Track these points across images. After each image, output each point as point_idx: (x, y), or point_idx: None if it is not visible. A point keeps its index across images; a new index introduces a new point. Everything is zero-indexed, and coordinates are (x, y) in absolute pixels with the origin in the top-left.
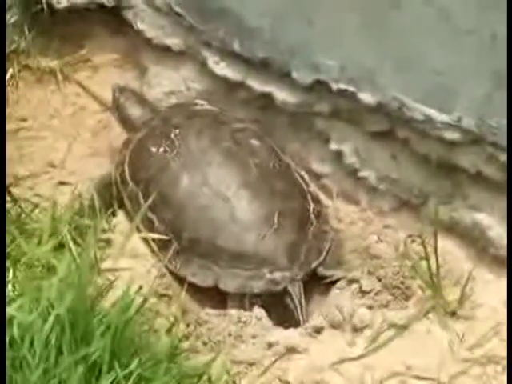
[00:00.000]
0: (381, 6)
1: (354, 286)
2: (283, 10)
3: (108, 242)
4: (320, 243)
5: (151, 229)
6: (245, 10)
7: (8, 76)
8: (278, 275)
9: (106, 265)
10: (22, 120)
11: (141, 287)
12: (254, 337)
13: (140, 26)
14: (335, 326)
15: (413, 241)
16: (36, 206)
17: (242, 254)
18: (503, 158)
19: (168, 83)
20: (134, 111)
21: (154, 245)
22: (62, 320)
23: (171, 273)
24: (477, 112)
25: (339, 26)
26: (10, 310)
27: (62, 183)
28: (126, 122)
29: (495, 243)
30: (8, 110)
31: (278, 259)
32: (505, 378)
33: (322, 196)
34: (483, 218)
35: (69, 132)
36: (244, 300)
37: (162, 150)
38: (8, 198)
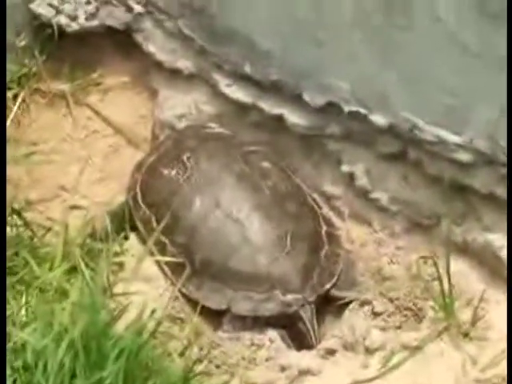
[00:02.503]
0: (393, 27)
1: (367, 307)
2: (294, 32)
3: (121, 265)
4: (332, 265)
5: (164, 252)
6: (255, 32)
7: (19, 100)
8: (290, 297)
9: (118, 288)
10: (33, 144)
11: (154, 311)
12: (267, 360)
13: (150, 48)
14: (348, 347)
15: (425, 262)
16: (48, 229)
17: (254, 277)
18: None
19: (179, 106)
20: None
21: (166, 268)
22: (76, 344)
23: (184, 296)
24: (488, 133)
25: (350, 48)
26: (24, 335)
27: (73, 207)
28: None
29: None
30: (19, 134)
31: (291, 281)
32: None
33: (333, 218)
34: (496, 238)
35: (80, 156)
36: (246, 320)
37: (174, 172)
38: (20, 222)
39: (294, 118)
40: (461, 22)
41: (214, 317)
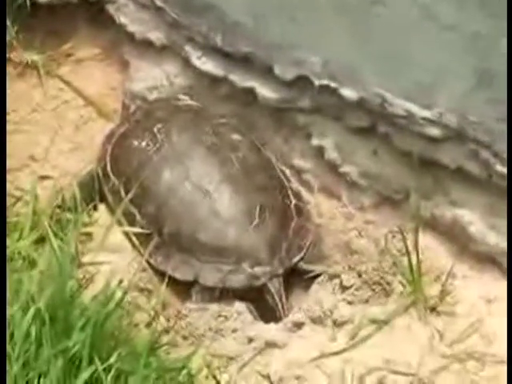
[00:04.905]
0: (363, 2)
1: (335, 281)
2: (266, 6)
3: (89, 235)
4: (301, 238)
5: (132, 223)
6: (228, 5)
7: None
8: (258, 270)
9: (86, 258)
10: None
11: (121, 281)
12: (234, 331)
13: (122, 20)
14: (316, 321)
15: (393, 236)
16: (17, 199)
17: (222, 249)
18: (484, 154)
19: (150, 78)
20: None
21: (134, 239)
22: (42, 313)
23: (152, 267)
24: (458, 108)
25: (322, 22)
26: None
27: (43, 177)
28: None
29: (476, 239)
30: None
31: (259, 254)
32: (484, 373)
33: (303, 191)
34: (464, 214)
35: (51, 126)
36: (214, 292)
37: (144, 144)
38: None
39: (265, 91)
40: None
41: (182, 288)
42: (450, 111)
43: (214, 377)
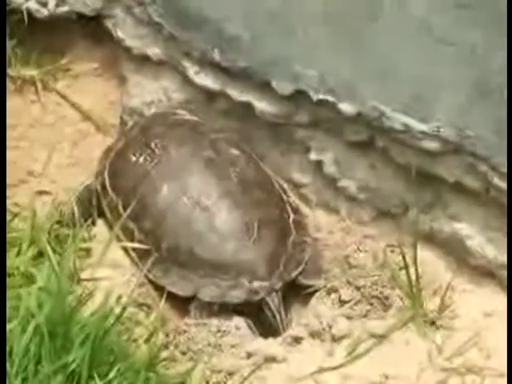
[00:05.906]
0: (360, 16)
1: (333, 295)
2: (263, 21)
3: (87, 251)
4: (299, 253)
5: (131, 238)
6: (225, 20)
7: None
8: (256, 285)
9: (85, 274)
10: None
11: (120, 296)
12: (233, 346)
13: (120, 35)
14: (314, 335)
15: (392, 251)
16: (16, 215)
17: (221, 264)
18: (482, 167)
19: (148, 93)
20: None
21: (133, 254)
22: (41, 329)
23: (151, 282)
24: (456, 122)
25: (319, 36)
26: None
27: (41, 192)
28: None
29: (474, 253)
30: None
31: (257, 269)
32: None
33: (301, 206)
34: (463, 227)
35: (49, 141)
36: (213, 307)
37: (142, 159)
38: None
39: (263, 105)
40: (429, 10)
41: (181, 303)
42: (448, 125)
43: None
